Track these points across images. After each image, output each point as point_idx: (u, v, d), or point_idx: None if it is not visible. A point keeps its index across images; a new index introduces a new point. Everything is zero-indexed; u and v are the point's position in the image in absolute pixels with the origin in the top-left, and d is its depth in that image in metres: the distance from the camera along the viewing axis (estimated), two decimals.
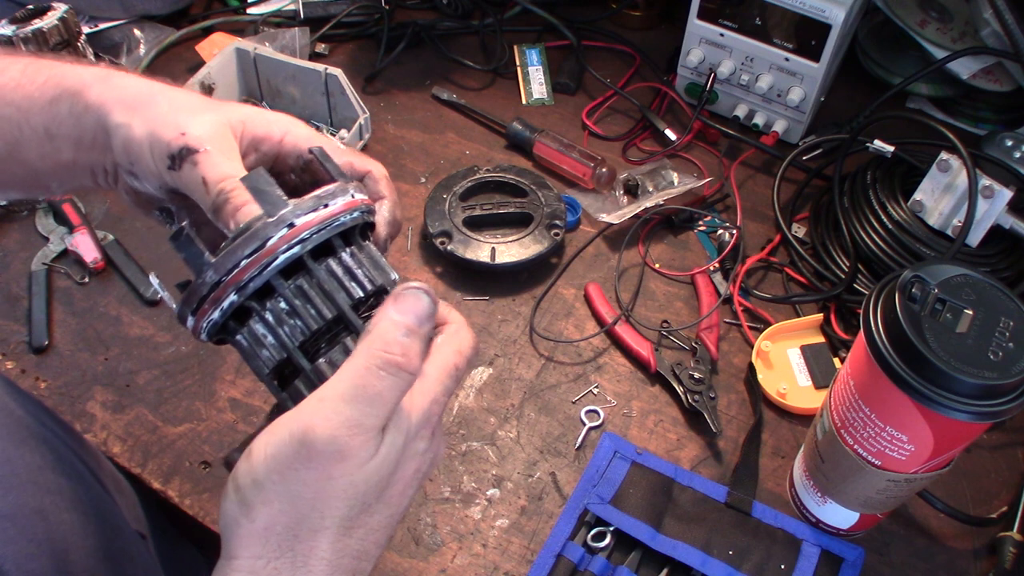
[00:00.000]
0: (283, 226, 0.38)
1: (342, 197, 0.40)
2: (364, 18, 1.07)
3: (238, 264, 0.37)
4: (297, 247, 0.38)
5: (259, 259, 0.37)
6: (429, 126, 0.97)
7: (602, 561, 0.63)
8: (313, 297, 0.39)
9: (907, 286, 0.51)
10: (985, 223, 0.75)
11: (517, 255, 0.80)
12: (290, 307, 0.39)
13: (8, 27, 0.85)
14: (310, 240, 0.38)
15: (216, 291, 0.38)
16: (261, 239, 0.37)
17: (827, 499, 0.62)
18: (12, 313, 0.78)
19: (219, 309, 0.38)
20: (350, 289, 0.40)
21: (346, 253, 0.41)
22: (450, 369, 0.41)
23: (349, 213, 0.40)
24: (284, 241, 0.38)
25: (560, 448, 0.71)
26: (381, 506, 0.39)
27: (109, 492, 0.58)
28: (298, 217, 0.38)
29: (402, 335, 0.37)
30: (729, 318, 0.80)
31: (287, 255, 0.38)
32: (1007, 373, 0.48)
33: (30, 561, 0.46)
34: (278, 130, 0.47)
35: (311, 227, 0.38)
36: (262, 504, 0.36)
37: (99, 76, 0.45)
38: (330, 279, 0.39)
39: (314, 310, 0.39)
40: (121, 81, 0.45)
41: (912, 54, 0.97)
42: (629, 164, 0.94)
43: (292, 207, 0.39)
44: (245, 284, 0.38)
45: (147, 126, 0.43)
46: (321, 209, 0.39)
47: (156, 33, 1.04)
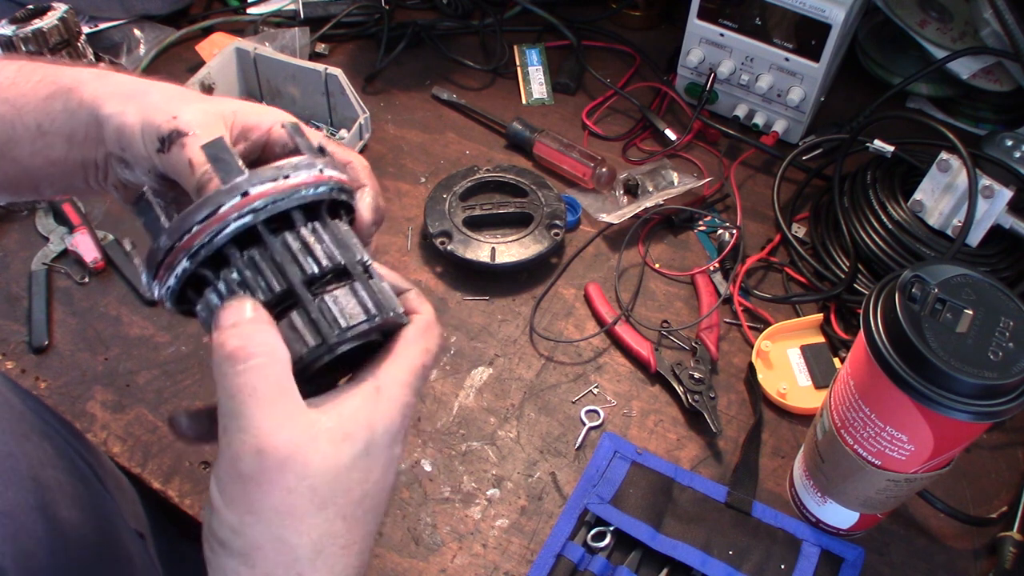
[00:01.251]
0: (237, 194, 0.37)
1: (307, 171, 0.39)
2: (364, 18, 1.07)
3: (189, 230, 0.37)
4: (249, 216, 0.37)
5: (209, 225, 0.37)
6: (429, 126, 0.98)
7: (602, 561, 0.63)
8: (264, 269, 0.38)
9: (907, 286, 0.51)
10: (985, 223, 0.75)
11: (517, 255, 0.80)
12: (241, 278, 0.38)
13: (8, 27, 0.85)
14: (264, 210, 0.38)
15: (169, 256, 0.38)
16: (213, 205, 0.37)
17: (827, 499, 0.62)
18: (12, 313, 0.78)
19: (173, 275, 0.38)
20: (303, 264, 0.38)
21: (306, 228, 0.39)
22: (417, 369, 0.40)
23: (314, 187, 0.39)
24: (235, 209, 0.37)
25: (560, 448, 0.71)
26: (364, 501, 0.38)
27: (109, 491, 0.58)
28: (253, 186, 0.37)
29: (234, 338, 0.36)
30: (729, 318, 0.80)
31: (238, 223, 0.37)
32: (1007, 373, 0.48)
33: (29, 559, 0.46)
34: (267, 120, 0.47)
35: (266, 196, 0.37)
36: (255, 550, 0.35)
37: (95, 74, 0.46)
38: (284, 252, 0.38)
39: (264, 282, 0.38)
40: (117, 78, 0.46)
41: (912, 54, 0.97)
42: (629, 164, 0.94)
43: (248, 176, 0.38)
44: (196, 251, 0.37)
45: (140, 114, 0.43)
46: (280, 180, 0.38)
47: (156, 33, 1.04)
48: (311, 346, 0.37)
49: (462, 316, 0.79)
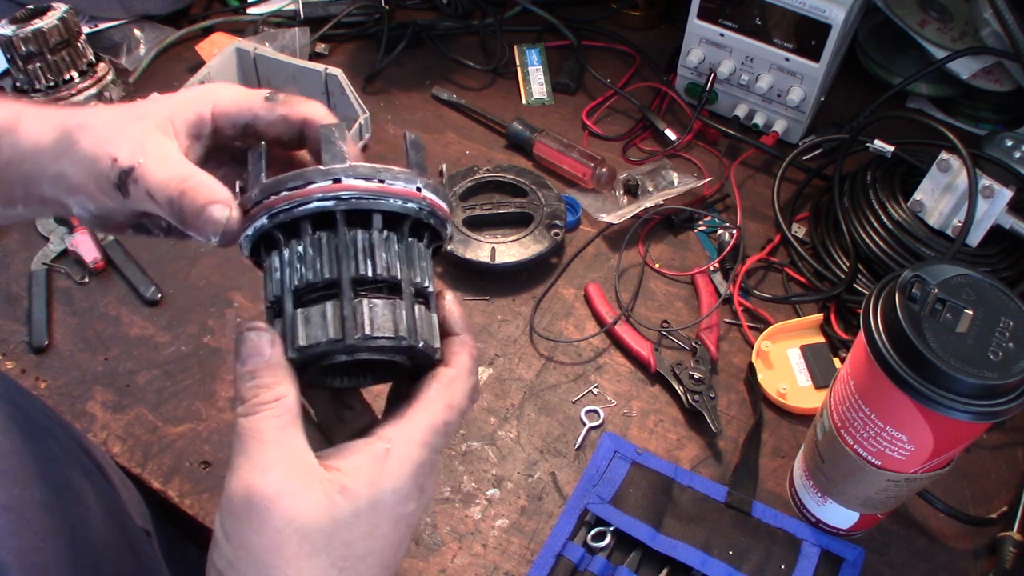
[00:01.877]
0: (329, 178, 0.39)
1: (404, 183, 0.40)
2: (364, 18, 1.07)
3: (277, 192, 0.39)
4: (332, 201, 0.39)
5: (295, 196, 0.39)
6: (429, 126, 0.97)
7: (602, 561, 0.63)
8: (324, 253, 0.39)
9: (907, 286, 0.51)
10: (985, 223, 0.75)
11: (517, 255, 0.80)
12: (302, 252, 0.39)
13: (8, 27, 0.85)
14: (347, 202, 0.39)
15: (254, 208, 0.40)
16: (306, 180, 0.39)
17: (827, 499, 0.62)
18: (12, 313, 0.78)
19: (252, 227, 0.40)
20: (360, 263, 0.39)
21: (380, 234, 0.40)
22: (436, 427, 0.39)
23: (403, 200, 0.40)
24: (322, 190, 0.39)
25: (560, 448, 0.71)
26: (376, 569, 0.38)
27: (116, 487, 0.58)
28: (347, 177, 0.39)
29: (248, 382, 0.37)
30: (729, 318, 0.80)
31: (319, 204, 0.39)
32: (1007, 373, 0.48)
33: (35, 554, 0.46)
34: (204, 107, 0.45)
35: (354, 191, 0.39)
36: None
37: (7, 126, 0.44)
38: (348, 245, 0.39)
39: (319, 264, 0.39)
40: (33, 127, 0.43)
41: (912, 54, 0.97)
42: (629, 164, 0.94)
43: (347, 166, 0.39)
44: (276, 213, 0.39)
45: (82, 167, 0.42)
46: (375, 182, 0.40)
47: (156, 33, 1.04)
48: (329, 338, 0.38)
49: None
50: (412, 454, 0.38)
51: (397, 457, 0.38)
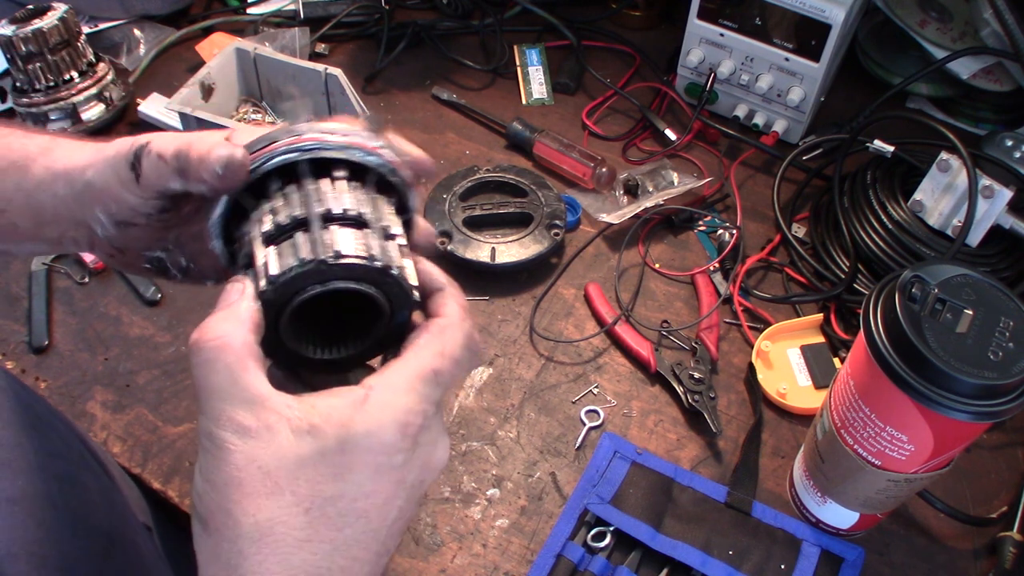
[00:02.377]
0: (292, 134, 0.40)
1: (363, 139, 0.41)
2: (364, 18, 1.07)
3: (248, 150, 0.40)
4: (295, 153, 0.40)
5: (263, 152, 0.40)
6: (429, 126, 0.98)
7: (602, 561, 0.63)
8: (293, 200, 0.40)
9: (907, 286, 0.51)
10: (985, 223, 0.75)
11: (517, 255, 0.80)
12: (272, 207, 0.40)
13: (8, 27, 0.85)
14: (310, 152, 0.40)
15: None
16: (269, 140, 0.40)
17: (827, 499, 0.62)
18: (12, 313, 0.78)
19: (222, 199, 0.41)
20: (327, 201, 0.40)
21: (344, 182, 0.41)
22: (425, 374, 0.38)
23: (364, 151, 0.41)
24: (285, 144, 0.40)
25: (560, 448, 0.71)
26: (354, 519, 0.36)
27: (116, 483, 0.59)
28: (308, 133, 0.40)
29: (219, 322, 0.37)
30: (729, 318, 0.80)
31: (284, 157, 0.40)
32: (1007, 373, 0.48)
33: (37, 546, 0.47)
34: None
35: (316, 141, 0.40)
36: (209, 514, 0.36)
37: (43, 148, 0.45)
38: (315, 189, 0.40)
39: (288, 209, 0.40)
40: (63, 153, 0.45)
41: (912, 54, 0.97)
42: (629, 164, 0.94)
43: (308, 123, 0.41)
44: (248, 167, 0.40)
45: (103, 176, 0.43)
46: (337, 136, 0.41)
47: (156, 33, 1.04)
48: (300, 259, 0.37)
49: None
50: (394, 400, 0.37)
51: (376, 402, 0.37)
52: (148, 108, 0.95)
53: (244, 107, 0.96)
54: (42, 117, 0.89)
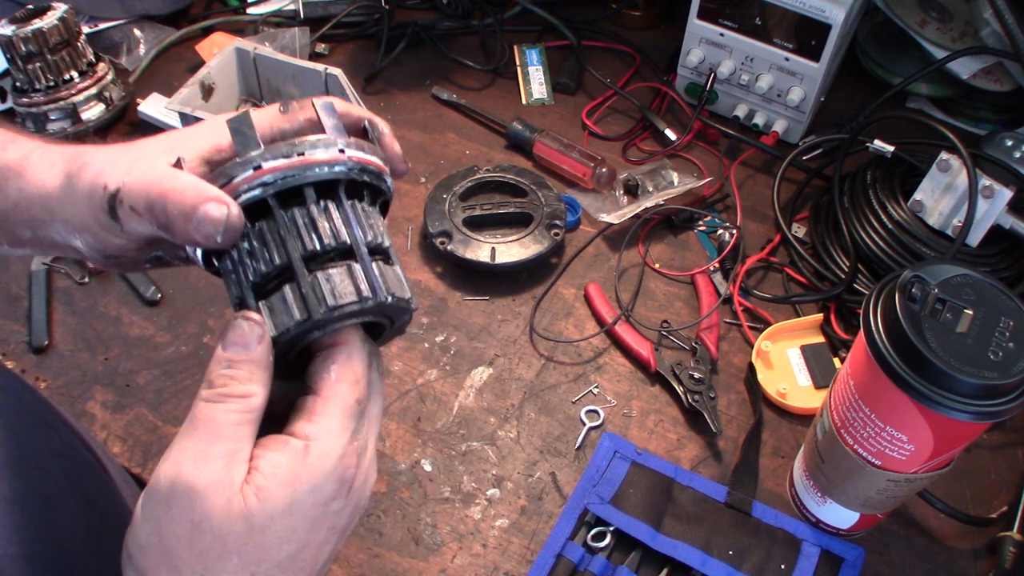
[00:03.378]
0: (249, 167, 0.38)
1: (324, 149, 0.39)
2: (364, 18, 1.07)
3: None
4: (259, 189, 0.38)
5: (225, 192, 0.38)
6: (429, 126, 0.98)
7: (602, 561, 0.63)
8: (269, 241, 0.38)
9: (907, 286, 0.51)
10: (985, 223, 0.75)
11: (517, 255, 0.80)
12: (250, 248, 0.39)
13: (8, 27, 0.85)
14: (274, 185, 0.38)
15: None
16: (227, 177, 0.38)
17: (827, 499, 0.62)
18: (12, 313, 0.78)
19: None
20: (305, 239, 0.38)
21: (316, 206, 0.39)
22: (350, 408, 0.38)
23: (329, 166, 0.39)
24: (246, 181, 0.38)
25: (560, 448, 0.71)
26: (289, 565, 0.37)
27: (116, 482, 0.59)
28: (266, 160, 0.38)
29: (224, 367, 0.36)
30: (729, 318, 0.80)
31: (248, 195, 0.38)
32: (1007, 373, 0.48)
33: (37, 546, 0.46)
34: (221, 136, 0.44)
35: (277, 172, 0.38)
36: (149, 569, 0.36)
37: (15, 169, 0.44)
38: (289, 226, 0.38)
39: (267, 254, 0.38)
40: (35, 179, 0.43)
41: (912, 54, 0.97)
42: (629, 164, 0.94)
43: (263, 150, 0.38)
44: None
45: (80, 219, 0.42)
46: (295, 157, 0.38)
47: (156, 33, 1.04)
48: (296, 320, 0.37)
49: (462, 316, 0.79)
50: (332, 446, 0.37)
51: (317, 451, 0.36)
52: (148, 108, 0.95)
53: (244, 107, 0.96)
54: (42, 117, 0.89)
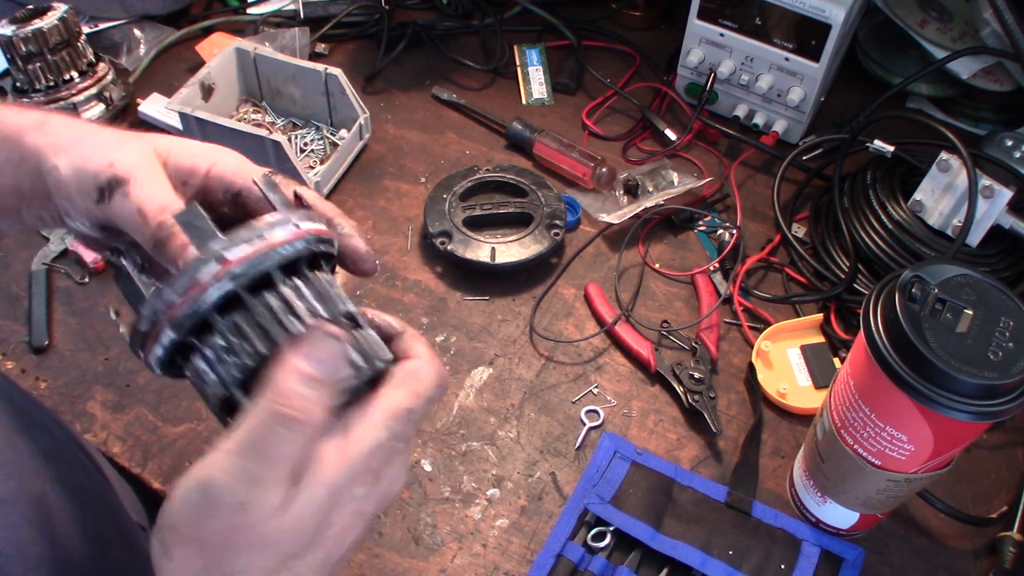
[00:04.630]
0: (213, 261, 0.37)
1: (282, 228, 0.39)
2: (364, 18, 1.07)
3: (171, 302, 0.37)
4: (229, 282, 0.37)
5: (190, 296, 0.37)
6: (429, 126, 0.98)
7: (602, 561, 0.63)
8: (248, 334, 0.38)
9: (907, 286, 0.51)
10: (985, 223, 0.75)
11: (517, 255, 0.80)
12: (227, 343, 0.38)
13: (8, 27, 0.85)
14: (244, 275, 0.37)
15: (154, 328, 0.38)
16: (191, 275, 0.37)
17: (827, 499, 0.62)
18: (12, 313, 0.78)
19: (160, 345, 0.38)
20: (287, 324, 0.38)
21: (287, 286, 0.39)
22: (398, 412, 0.38)
23: (291, 245, 0.39)
24: (215, 277, 0.37)
25: (560, 448, 0.71)
26: (314, 550, 0.37)
27: (110, 483, 0.59)
28: (229, 251, 0.37)
29: (301, 385, 0.35)
30: (729, 318, 0.80)
31: (220, 292, 0.37)
32: (1007, 373, 0.48)
33: (30, 546, 0.47)
34: (204, 162, 0.45)
35: (244, 261, 0.37)
36: (177, 547, 0.36)
37: (36, 121, 0.45)
38: (266, 314, 0.38)
39: (250, 347, 0.38)
40: (56, 126, 0.44)
41: (912, 54, 0.97)
42: (629, 164, 0.94)
43: (224, 242, 0.37)
44: (179, 322, 0.37)
45: (72, 164, 0.42)
46: (256, 241, 0.38)
47: (156, 33, 1.04)
48: None
49: (462, 316, 0.79)
50: (367, 433, 0.37)
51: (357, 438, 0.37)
52: (148, 108, 0.95)
53: (244, 107, 0.96)
54: None
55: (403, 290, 0.81)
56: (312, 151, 0.92)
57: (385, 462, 0.38)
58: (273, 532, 0.35)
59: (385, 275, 0.82)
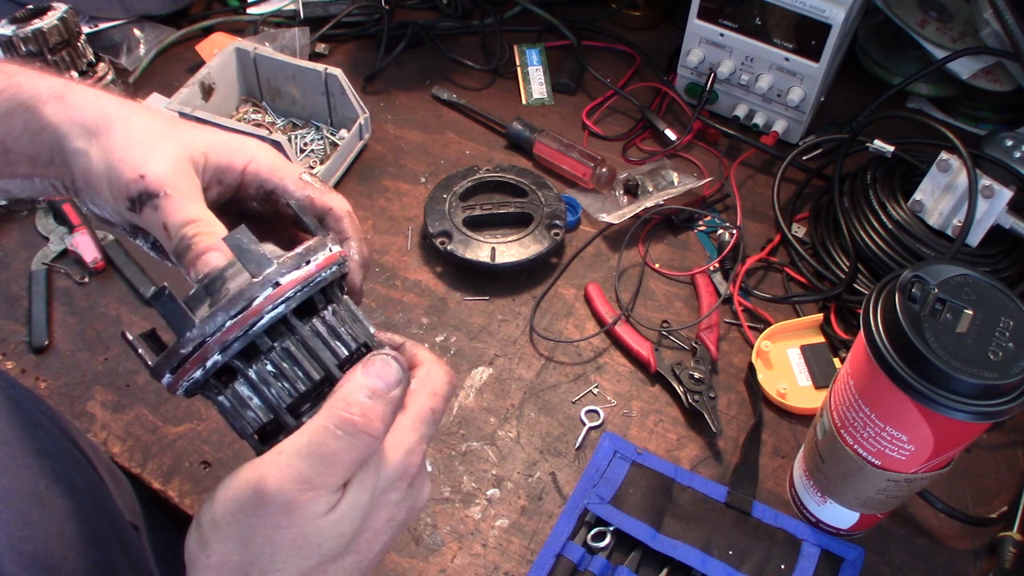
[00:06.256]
0: (268, 286, 0.37)
1: (322, 252, 0.40)
2: (364, 18, 1.07)
3: (223, 326, 0.37)
4: (282, 306, 0.38)
5: (245, 319, 0.37)
6: (429, 126, 0.98)
7: (602, 561, 0.63)
8: (300, 359, 0.39)
9: (907, 286, 0.51)
10: (985, 223, 0.75)
11: (517, 255, 0.80)
12: (277, 369, 0.39)
13: (8, 27, 0.85)
14: (294, 299, 0.38)
15: (200, 351, 0.38)
16: (247, 299, 0.37)
17: (827, 499, 0.62)
18: (12, 313, 0.78)
19: (201, 368, 0.38)
20: (335, 348, 0.40)
21: (328, 311, 0.40)
22: (425, 414, 0.40)
23: (328, 268, 0.40)
24: (269, 301, 0.37)
25: (560, 448, 0.71)
26: (348, 554, 0.38)
27: (105, 482, 0.59)
28: (283, 275, 0.38)
29: (365, 396, 0.37)
30: (729, 318, 0.80)
31: (272, 315, 0.38)
32: (1007, 373, 0.48)
33: (24, 544, 0.47)
34: (241, 159, 0.46)
35: (295, 285, 0.38)
36: (217, 542, 0.37)
37: (55, 91, 0.44)
38: (315, 338, 0.39)
39: (301, 371, 0.39)
40: (78, 99, 0.44)
41: (912, 54, 0.97)
42: (629, 164, 0.94)
43: (277, 266, 0.38)
44: (230, 344, 0.37)
45: (105, 159, 0.42)
46: (304, 266, 0.39)
47: (156, 33, 1.04)
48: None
49: (462, 316, 0.79)
50: (402, 439, 0.39)
51: (393, 443, 0.39)
52: None
53: (244, 107, 0.96)
54: None
55: (403, 290, 0.81)
56: (312, 151, 0.92)
57: (416, 466, 0.40)
58: (316, 534, 0.36)
59: (385, 275, 0.82)
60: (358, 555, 0.39)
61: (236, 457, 0.69)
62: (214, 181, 0.46)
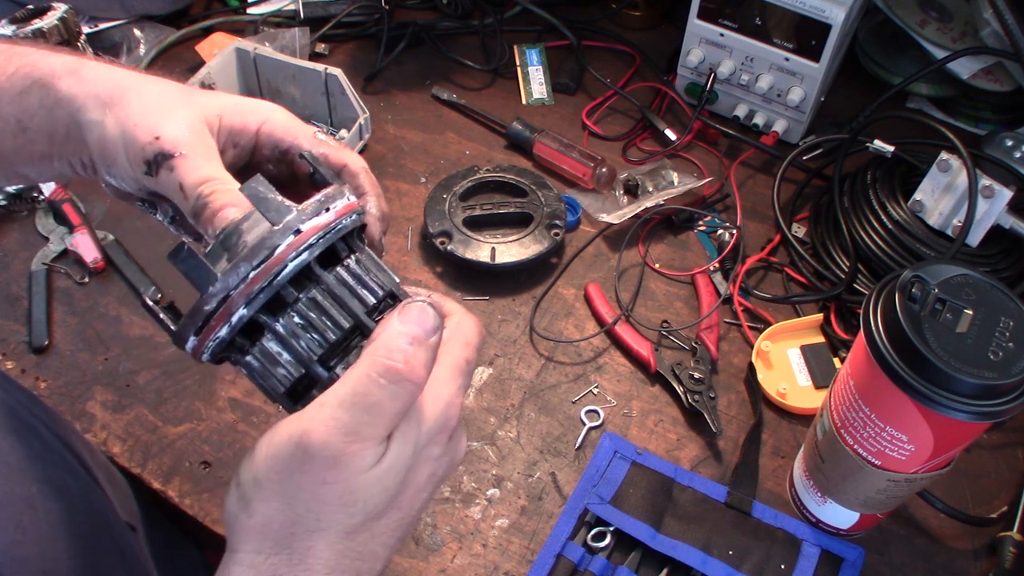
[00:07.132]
0: (289, 233, 0.37)
1: (341, 200, 0.39)
2: (364, 18, 1.07)
3: (246, 277, 0.36)
4: (305, 253, 0.37)
5: (268, 268, 0.36)
6: (429, 126, 0.98)
7: (602, 561, 0.63)
8: (328, 308, 0.38)
9: (907, 286, 0.51)
10: (985, 223, 0.75)
11: (517, 255, 0.80)
12: (305, 320, 0.38)
13: (8, 27, 0.85)
14: (317, 245, 0.37)
15: (224, 306, 0.36)
16: (269, 248, 0.36)
17: (827, 499, 0.62)
18: (12, 313, 0.78)
19: (227, 325, 0.37)
20: (363, 296, 0.39)
21: (352, 259, 0.39)
22: (460, 365, 0.40)
23: (348, 216, 0.39)
24: (292, 248, 0.36)
25: (560, 448, 0.71)
26: (391, 511, 0.38)
27: (99, 483, 0.58)
28: (303, 223, 0.37)
29: (406, 343, 0.36)
30: (729, 318, 0.80)
31: (296, 263, 0.37)
32: (1007, 373, 0.48)
33: (17, 548, 0.47)
34: (255, 120, 0.46)
35: (317, 232, 0.37)
36: (260, 501, 0.36)
37: (69, 67, 0.44)
38: (341, 287, 0.38)
39: (330, 321, 0.38)
40: (92, 73, 0.44)
41: (912, 54, 0.97)
42: (629, 164, 0.94)
43: (297, 213, 0.37)
44: (255, 296, 0.36)
45: (120, 126, 0.42)
46: (324, 213, 0.38)
47: (156, 33, 1.04)
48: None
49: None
50: (440, 392, 0.39)
51: (432, 397, 0.38)
52: None
53: None
54: None
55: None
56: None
57: (455, 419, 0.39)
58: (362, 489, 0.36)
59: None
60: (400, 511, 0.38)
61: (236, 457, 0.69)
62: (229, 144, 0.45)
